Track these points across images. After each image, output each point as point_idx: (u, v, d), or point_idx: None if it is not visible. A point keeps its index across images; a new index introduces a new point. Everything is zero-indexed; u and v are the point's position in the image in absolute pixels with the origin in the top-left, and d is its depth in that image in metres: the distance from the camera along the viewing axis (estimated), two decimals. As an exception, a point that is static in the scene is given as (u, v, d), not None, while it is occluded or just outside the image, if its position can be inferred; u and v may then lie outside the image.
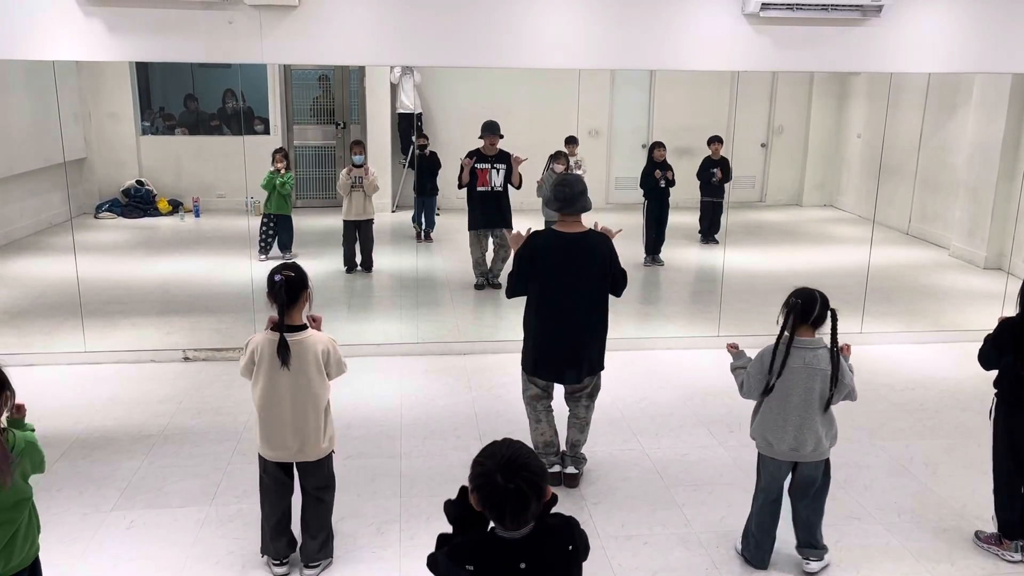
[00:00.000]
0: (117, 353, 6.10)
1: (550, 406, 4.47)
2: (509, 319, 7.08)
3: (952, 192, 9.13)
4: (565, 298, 4.18)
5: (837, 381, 3.47)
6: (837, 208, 10.59)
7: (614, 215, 9.41)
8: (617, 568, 3.73)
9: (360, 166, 8.04)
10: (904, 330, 6.99)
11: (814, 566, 3.66)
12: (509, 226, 7.64)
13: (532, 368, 4.35)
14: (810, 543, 3.69)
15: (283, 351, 3.39)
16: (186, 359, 6.13)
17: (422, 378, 5.89)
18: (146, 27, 5.39)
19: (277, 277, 3.38)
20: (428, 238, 9.01)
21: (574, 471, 4.44)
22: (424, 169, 8.55)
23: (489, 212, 7.68)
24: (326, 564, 3.68)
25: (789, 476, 3.67)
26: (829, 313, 3.46)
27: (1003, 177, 8.34)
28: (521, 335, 4.44)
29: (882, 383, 5.89)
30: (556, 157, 7.92)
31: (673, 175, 8.53)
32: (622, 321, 3.97)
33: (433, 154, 8.67)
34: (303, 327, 3.49)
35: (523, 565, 2.05)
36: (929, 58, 6.10)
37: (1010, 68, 6.38)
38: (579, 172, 8.52)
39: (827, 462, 3.64)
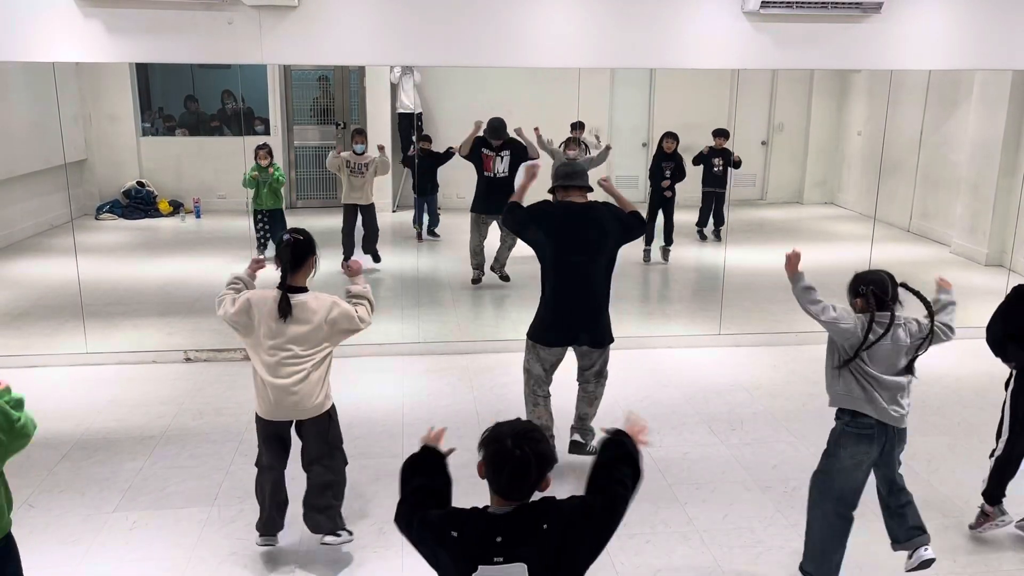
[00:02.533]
0: (118, 354, 6.10)
1: (549, 392, 4.53)
2: (511, 318, 7.09)
3: (953, 189, 9.12)
4: (577, 262, 4.27)
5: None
6: (838, 206, 10.58)
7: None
8: (620, 567, 3.73)
9: (361, 154, 8.03)
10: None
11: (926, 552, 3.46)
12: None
13: (543, 335, 4.39)
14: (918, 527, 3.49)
15: (284, 305, 3.47)
16: (187, 360, 6.13)
17: (424, 378, 5.89)
18: (146, 28, 5.38)
19: (286, 237, 3.54)
20: (433, 234, 8.99)
21: (579, 440, 4.54)
22: (424, 169, 8.54)
23: (493, 197, 7.63)
24: (347, 538, 3.70)
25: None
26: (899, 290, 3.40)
27: (1004, 173, 8.33)
28: (520, 334, 4.44)
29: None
30: (568, 143, 7.92)
31: (679, 168, 8.58)
32: (624, 319, 3.98)
33: (433, 153, 8.63)
34: (304, 289, 3.58)
35: (499, 538, 2.14)
36: (929, 55, 6.09)
37: (1010, 65, 6.38)
38: (599, 146, 8.53)
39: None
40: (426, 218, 8.94)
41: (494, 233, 7.90)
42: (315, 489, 3.68)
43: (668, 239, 8.67)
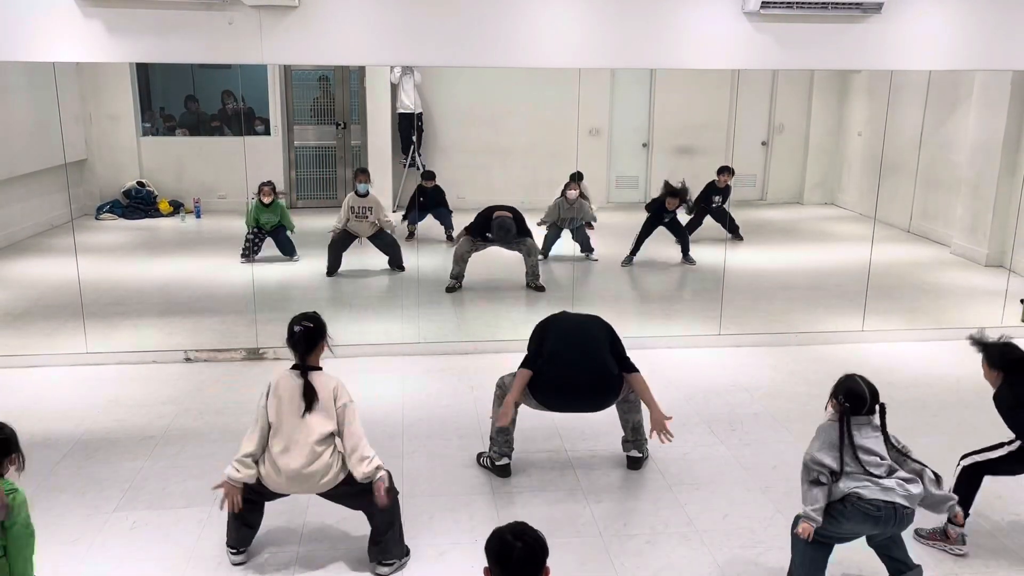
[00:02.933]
0: (118, 354, 6.10)
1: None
2: (510, 318, 7.09)
3: (953, 189, 9.12)
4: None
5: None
6: (838, 206, 10.58)
7: (614, 214, 9.48)
8: (619, 567, 3.73)
9: (365, 195, 7.96)
10: (905, 328, 6.99)
11: None
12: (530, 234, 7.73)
13: (545, 398, 4.46)
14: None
15: (309, 394, 3.55)
16: (187, 360, 6.13)
17: (423, 378, 5.89)
18: (146, 28, 5.39)
19: (297, 328, 3.62)
20: (450, 239, 8.86)
21: (637, 455, 4.60)
22: (424, 203, 8.52)
23: (501, 236, 7.62)
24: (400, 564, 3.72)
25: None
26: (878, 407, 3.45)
27: (1004, 174, 8.33)
28: (521, 334, 4.47)
29: (883, 381, 5.81)
30: (569, 184, 7.94)
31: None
32: (624, 320, 3.97)
33: (438, 188, 8.60)
34: (319, 368, 3.68)
35: None
36: (930, 55, 6.09)
37: (1011, 65, 6.38)
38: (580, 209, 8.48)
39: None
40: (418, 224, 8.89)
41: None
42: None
43: (688, 257, 8.73)
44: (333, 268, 8.07)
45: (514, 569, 2.38)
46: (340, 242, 8.02)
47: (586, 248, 8.57)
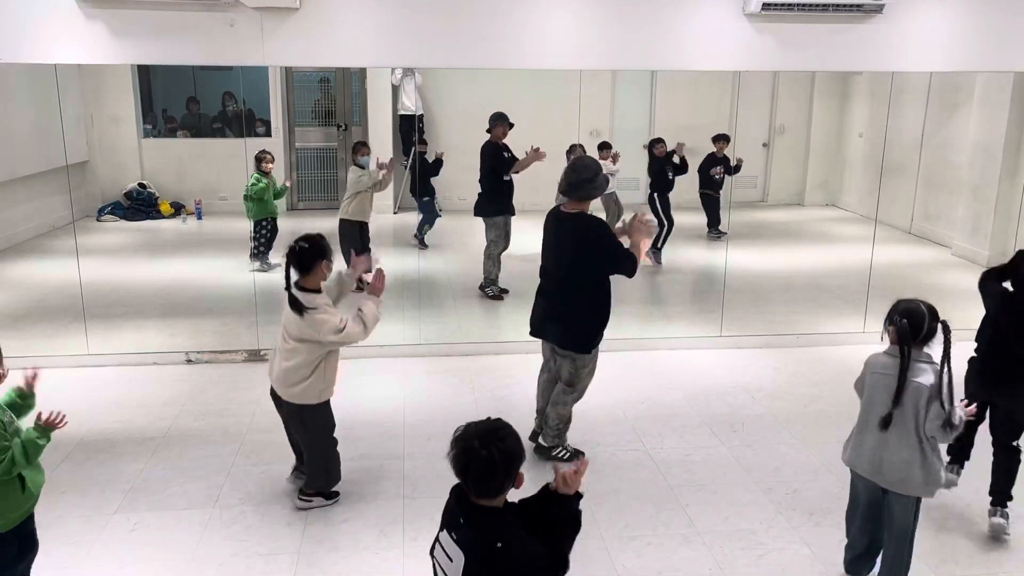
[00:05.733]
0: (120, 356, 6.10)
1: (544, 377, 4.75)
2: (511, 320, 7.08)
3: (954, 191, 9.12)
4: (548, 266, 4.56)
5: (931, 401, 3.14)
6: (839, 207, 10.59)
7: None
8: (621, 569, 3.73)
9: (364, 167, 7.96)
10: (907, 329, 6.96)
11: None
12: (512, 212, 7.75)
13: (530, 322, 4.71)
14: None
15: (293, 303, 3.84)
16: (189, 361, 6.13)
17: (425, 379, 5.89)
18: (147, 30, 5.39)
19: (295, 247, 3.83)
20: (422, 243, 8.78)
21: (537, 431, 4.77)
22: (421, 172, 8.49)
23: (509, 198, 7.62)
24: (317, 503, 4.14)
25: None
26: (940, 326, 3.24)
27: (1005, 175, 8.33)
28: (522, 336, 4.54)
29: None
30: (571, 150, 7.95)
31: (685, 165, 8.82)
32: (625, 321, 3.98)
33: (438, 159, 8.60)
34: (316, 291, 3.88)
35: (462, 519, 2.25)
36: (931, 57, 6.09)
37: (1012, 67, 6.38)
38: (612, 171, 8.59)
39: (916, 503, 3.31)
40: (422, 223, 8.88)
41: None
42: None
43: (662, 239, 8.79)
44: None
45: (473, 477, 2.17)
46: (352, 236, 7.80)
47: None
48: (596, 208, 9.11)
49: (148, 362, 6.09)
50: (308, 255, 3.82)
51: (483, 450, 2.14)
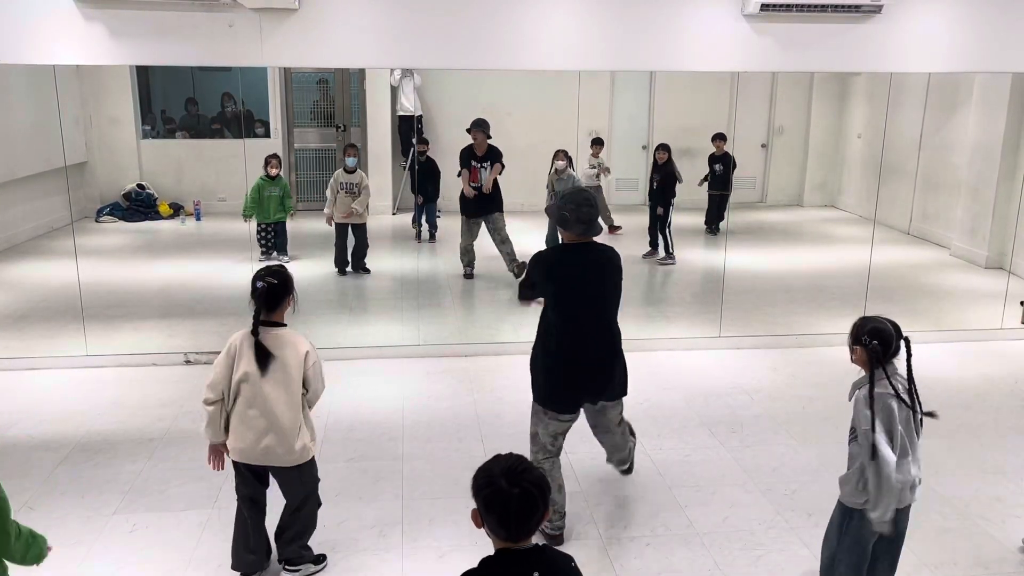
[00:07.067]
0: (119, 356, 6.10)
1: (558, 462, 3.99)
2: (510, 320, 7.09)
3: (953, 192, 9.12)
4: (580, 316, 3.78)
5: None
6: (838, 208, 10.60)
7: (614, 216, 9.46)
8: (620, 569, 3.73)
9: (352, 171, 8.03)
10: (905, 330, 6.93)
11: None
12: (500, 209, 7.97)
13: (552, 400, 3.86)
14: None
15: (261, 355, 3.35)
16: (187, 362, 6.13)
17: (423, 380, 5.89)
18: (146, 31, 5.39)
19: (259, 284, 3.39)
20: (432, 239, 9.04)
21: (625, 470, 4.39)
22: (423, 174, 8.56)
23: (482, 201, 7.91)
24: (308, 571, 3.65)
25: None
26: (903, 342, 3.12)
27: (1004, 176, 8.34)
28: (521, 337, 4.41)
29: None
30: (557, 155, 8.01)
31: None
32: (624, 322, 3.97)
33: (431, 160, 8.68)
34: (282, 324, 3.47)
35: (536, 573, 2.04)
36: (929, 57, 6.10)
37: (1010, 67, 6.38)
38: (599, 173, 8.68)
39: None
40: (426, 225, 8.95)
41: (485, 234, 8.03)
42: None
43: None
44: (340, 263, 8.16)
45: (512, 521, 2.02)
46: (340, 235, 8.13)
47: None
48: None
49: (147, 363, 6.09)
50: (278, 291, 3.40)
51: (514, 488, 2.00)
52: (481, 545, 3.77)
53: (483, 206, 7.95)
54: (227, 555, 3.73)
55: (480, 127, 7.82)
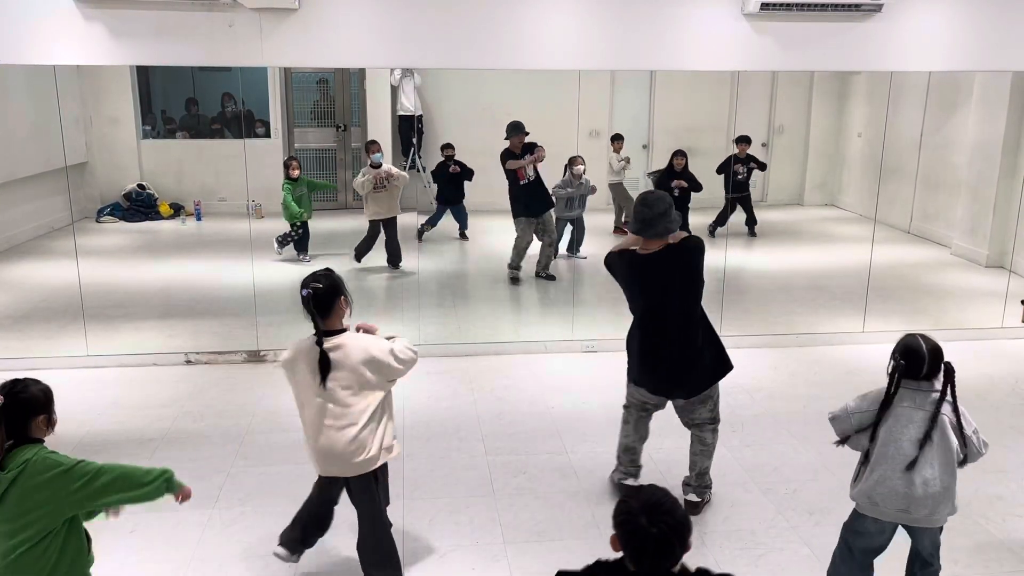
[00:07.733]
0: (119, 357, 6.10)
1: (644, 416, 4.28)
2: (510, 321, 7.09)
3: (953, 191, 9.12)
4: (658, 310, 4.09)
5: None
6: (838, 207, 10.58)
7: (613, 216, 9.46)
8: (620, 569, 3.73)
9: (378, 166, 8.02)
10: (906, 329, 6.90)
11: None
12: (552, 206, 7.98)
13: (631, 376, 4.23)
14: None
15: (324, 364, 3.23)
16: (188, 362, 6.13)
17: (424, 380, 5.88)
18: (146, 31, 5.39)
19: (304, 292, 3.25)
20: (464, 236, 9.09)
21: (695, 499, 4.20)
22: (455, 179, 8.56)
23: (534, 201, 7.87)
24: None
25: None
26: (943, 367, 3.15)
27: (1004, 175, 8.33)
28: (521, 336, 4.43)
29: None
30: (572, 161, 8.02)
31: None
32: (624, 321, 3.97)
33: (460, 164, 8.62)
34: (342, 331, 3.33)
35: None
36: (929, 56, 6.10)
37: (1010, 66, 6.38)
38: (622, 170, 8.71)
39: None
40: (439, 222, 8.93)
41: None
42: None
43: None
44: (362, 253, 8.25)
45: (647, 560, 2.04)
46: (372, 233, 8.21)
47: (578, 245, 8.60)
48: (605, 200, 9.18)
49: (147, 363, 6.09)
50: (327, 296, 3.27)
51: (653, 528, 2.02)
52: (482, 545, 3.78)
53: (536, 206, 7.89)
54: (227, 555, 3.74)
55: (517, 131, 7.80)
